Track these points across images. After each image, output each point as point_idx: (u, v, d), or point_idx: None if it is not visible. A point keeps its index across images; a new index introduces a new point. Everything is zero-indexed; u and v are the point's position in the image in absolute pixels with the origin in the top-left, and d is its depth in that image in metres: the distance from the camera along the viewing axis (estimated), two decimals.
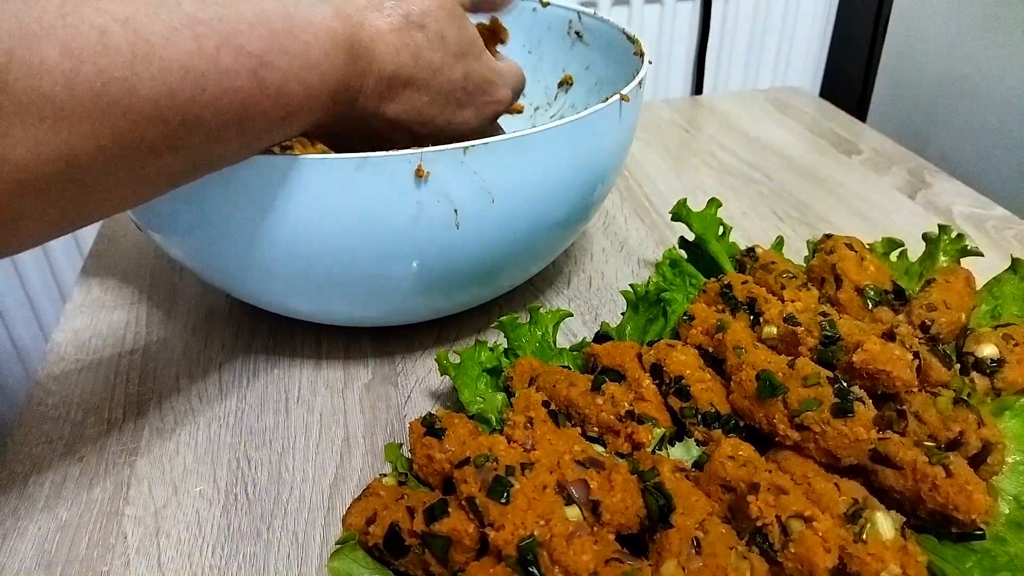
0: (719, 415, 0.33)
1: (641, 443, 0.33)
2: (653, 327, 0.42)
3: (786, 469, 0.30)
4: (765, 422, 0.32)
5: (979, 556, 0.29)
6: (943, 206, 0.61)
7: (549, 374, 0.36)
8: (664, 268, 0.45)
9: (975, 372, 0.36)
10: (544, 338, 0.41)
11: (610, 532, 0.28)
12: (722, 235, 0.48)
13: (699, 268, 0.47)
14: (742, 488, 0.29)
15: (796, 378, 0.32)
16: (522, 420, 0.32)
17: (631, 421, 0.33)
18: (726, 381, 0.34)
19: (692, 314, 0.38)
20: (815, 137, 0.74)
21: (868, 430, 0.30)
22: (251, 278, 0.38)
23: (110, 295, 0.51)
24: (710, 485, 0.30)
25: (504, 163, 0.35)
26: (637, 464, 0.31)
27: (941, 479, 0.28)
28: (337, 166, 0.33)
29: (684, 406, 0.34)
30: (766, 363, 0.33)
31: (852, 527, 0.27)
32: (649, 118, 0.78)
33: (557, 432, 0.32)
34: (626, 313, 0.43)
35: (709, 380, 0.34)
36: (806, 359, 0.33)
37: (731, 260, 0.46)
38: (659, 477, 0.30)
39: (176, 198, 0.32)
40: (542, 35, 0.56)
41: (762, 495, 0.28)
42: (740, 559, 0.26)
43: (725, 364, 0.35)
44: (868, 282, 0.40)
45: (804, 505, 0.27)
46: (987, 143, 0.75)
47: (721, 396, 0.34)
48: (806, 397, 0.31)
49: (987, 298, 0.42)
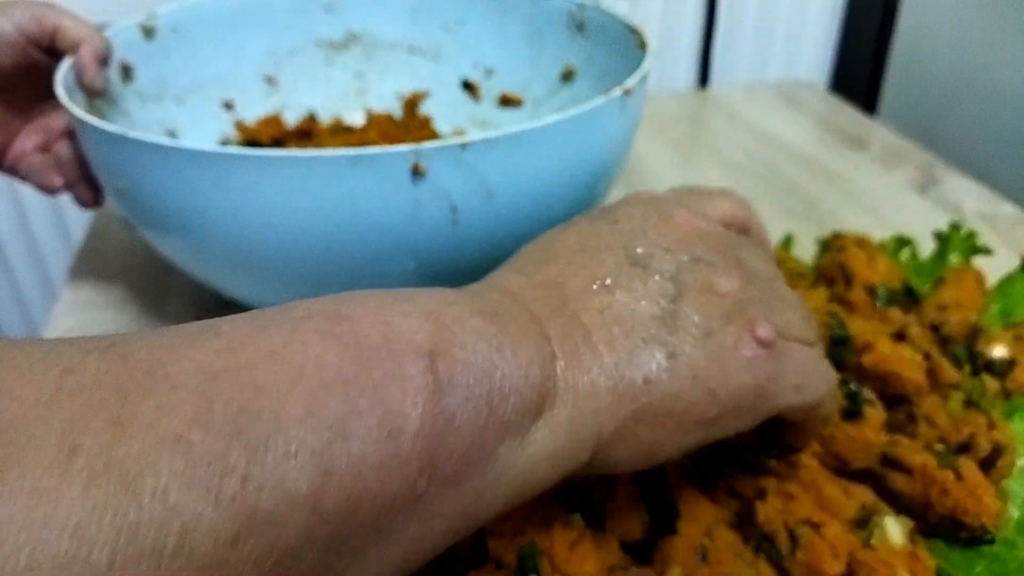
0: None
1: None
2: None
3: (794, 474, 0.30)
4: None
5: (989, 561, 0.28)
6: (954, 203, 0.60)
7: None
8: None
9: (986, 373, 0.36)
10: None
11: (613, 540, 0.27)
12: None
13: None
14: (749, 494, 0.28)
15: None
16: None
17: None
18: None
19: None
20: (824, 132, 0.73)
21: (878, 434, 0.30)
22: (243, 277, 0.38)
23: (100, 294, 0.50)
24: (716, 491, 0.29)
25: (504, 158, 0.34)
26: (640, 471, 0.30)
27: (951, 483, 0.28)
28: (331, 162, 0.32)
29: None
30: None
31: (861, 533, 0.27)
32: (653, 112, 0.77)
33: None
34: None
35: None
36: None
37: None
38: (663, 482, 0.29)
39: (165, 196, 0.31)
40: (543, 26, 0.55)
41: (770, 501, 0.27)
42: (747, 567, 0.26)
43: None
44: (878, 281, 0.39)
45: (812, 511, 0.27)
46: (999, 139, 0.74)
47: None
48: None
49: (998, 297, 0.41)
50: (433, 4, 0.58)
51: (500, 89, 0.58)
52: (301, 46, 0.58)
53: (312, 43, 0.58)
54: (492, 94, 0.59)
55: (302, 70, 0.58)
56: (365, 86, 0.60)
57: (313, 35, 0.58)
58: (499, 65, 0.58)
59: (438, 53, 0.59)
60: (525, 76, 0.57)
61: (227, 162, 0.31)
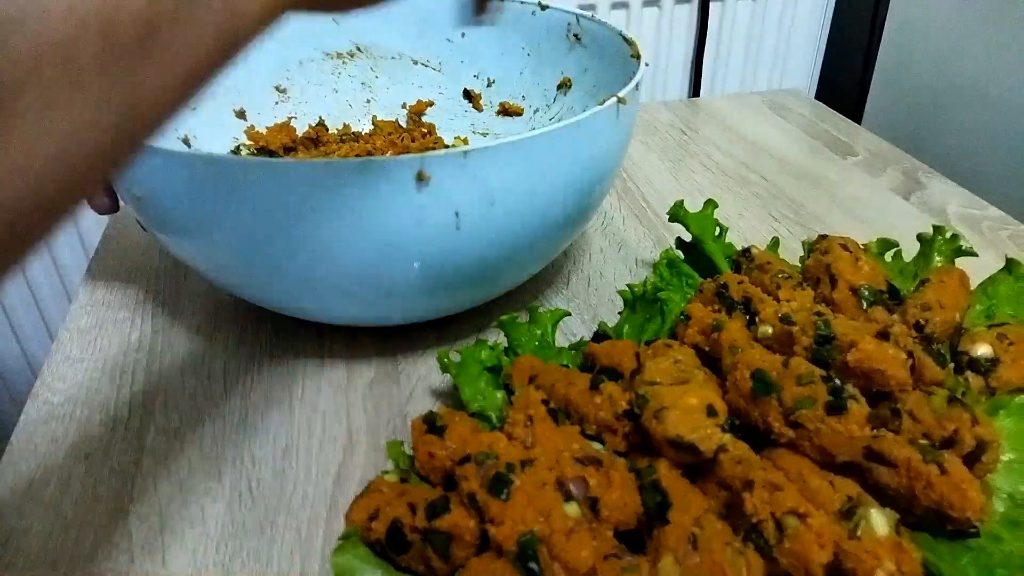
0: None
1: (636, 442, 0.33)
2: (650, 326, 0.42)
3: (781, 467, 0.31)
4: (760, 420, 0.32)
5: (974, 554, 0.29)
6: (937, 207, 0.61)
7: (548, 373, 0.36)
8: (661, 268, 0.46)
9: (969, 371, 0.36)
10: (543, 337, 0.41)
11: (608, 529, 0.29)
12: (718, 236, 0.49)
13: (696, 268, 0.47)
14: (737, 485, 0.29)
15: (790, 377, 0.32)
16: (522, 418, 0.33)
17: (628, 420, 0.33)
18: (722, 380, 0.35)
19: (689, 314, 0.39)
20: (811, 139, 0.74)
21: (862, 427, 0.31)
22: (255, 279, 0.39)
23: (115, 295, 0.51)
24: (706, 482, 0.30)
25: (504, 166, 0.35)
26: (634, 462, 0.31)
27: (935, 477, 0.29)
28: (339, 169, 0.33)
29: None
30: (761, 362, 0.33)
31: (847, 524, 0.28)
32: (647, 120, 0.78)
33: (556, 430, 0.33)
34: (624, 313, 0.43)
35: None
36: (800, 358, 0.34)
37: (727, 260, 0.47)
38: (656, 474, 0.30)
39: (180, 201, 0.32)
40: (541, 38, 0.57)
41: (757, 492, 0.28)
42: (736, 555, 0.27)
43: (721, 363, 0.36)
44: (863, 282, 0.40)
45: (799, 502, 0.28)
46: (982, 145, 0.76)
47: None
48: (800, 395, 0.31)
49: (981, 298, 0.42)
50: (437, 17, 0.59)
51: (500, 99, 0.60)
52: (310, 57, 0.59)
53: (321, 54, 0.60)
54: (493, 103, 0.60)
55: (311, 80, 0.59)
56: (372, 95, 0.61)
57: (322, 46, 0.60)
58: (499, 76, 0.59)
59: (441, 64, 0.61)
60: (524, 86, 0.58)
61: (241, 169, 0.32)
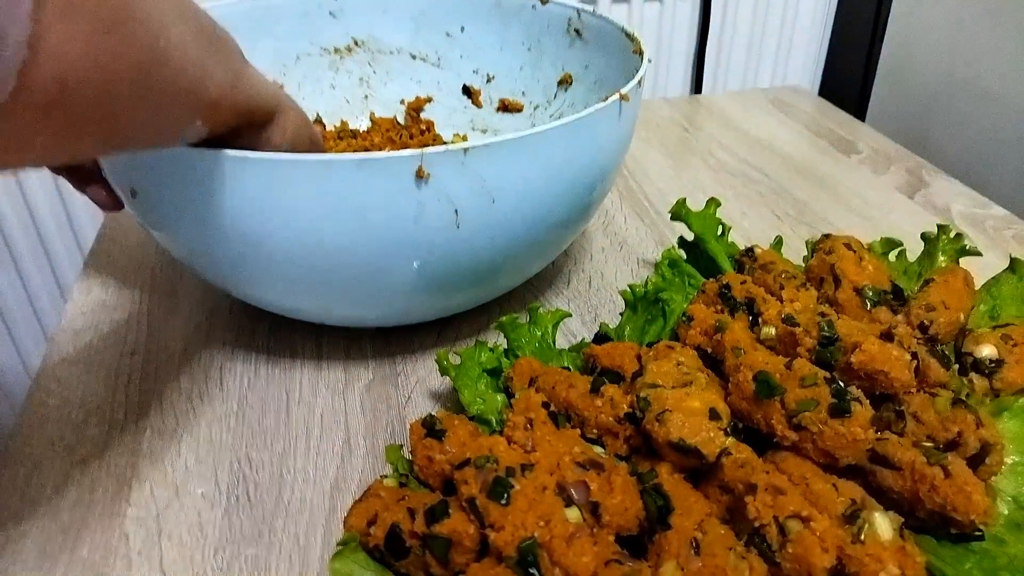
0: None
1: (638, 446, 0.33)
2: (652, 327, 0.42)
3: (784, 470, 0.30)
4: (763, 423, 0.32)
5: (978, 557, 0.28)
6: (942, 205, 0.61)
7: (549, 375, 0.36)
8: (663, 268, 0.46)
9: (974, 373, 0.36)
10: (544, 338, 0.41)
11: (610, 533, 0.28)
12: (721, 235, 0.48)
13: (698, 268, 0.47)
14: (740, 489, 0.29)
15: (794, 379, 0.32)
16: (522, 421, 0.32)
17: (629, 423, 0.33)
18: (724, 382, 0.34)
19: (691, 315, 0.38)
20: (814, 136, 0.74)
21: (865, 430, 0.30)
22: (252, 278, 0.38)
23: (111, 295, 0.51)
24: (709, 486, 0.30)
25: (504, 163, 0.35)
26: (636, 466, 0.31)
27: (939, 480, 0.28)
28: (337, 166, 0.33)
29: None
30: (764, 364, 0.33)
31: (850, 527, 0.27)
32: (649, 117, 0.78)
33: (557, 433, 0.32)
34: (625, 314, 0.43)
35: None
36: (804, 360, 0.33)
37: (730, 260, 0.46)
38: (658, 479, 0.30)
39: (178, 198, 0.32)
40: (541, 33, 0.56)
41: (760, 496, 0.28)
42: (739, 560, 0.27)
43: (724, 365, 0.35)
44: (867, 282, 0.40)
45: (802, 505, 0.27)
46: (986, 142, 0.75)
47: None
48: (803, 398, 0.31)
49: (985, 298, 0.42)
50: (435, 12, 0.59)
51: (500, 95, 0.59)
52: (307, 52, 0.59)
53: (317, 49, 0.59)
54: (492, 100, 0.60)
55: (308, 75, 0.59)
56: (369, 91, 0.61)
57: (318, 41, 0.59)
58: (499, 71, 0.59)
59: (440, 59, 0.60)
60: (524, 82, 0.58)
61: (239, 165, 0.32)
